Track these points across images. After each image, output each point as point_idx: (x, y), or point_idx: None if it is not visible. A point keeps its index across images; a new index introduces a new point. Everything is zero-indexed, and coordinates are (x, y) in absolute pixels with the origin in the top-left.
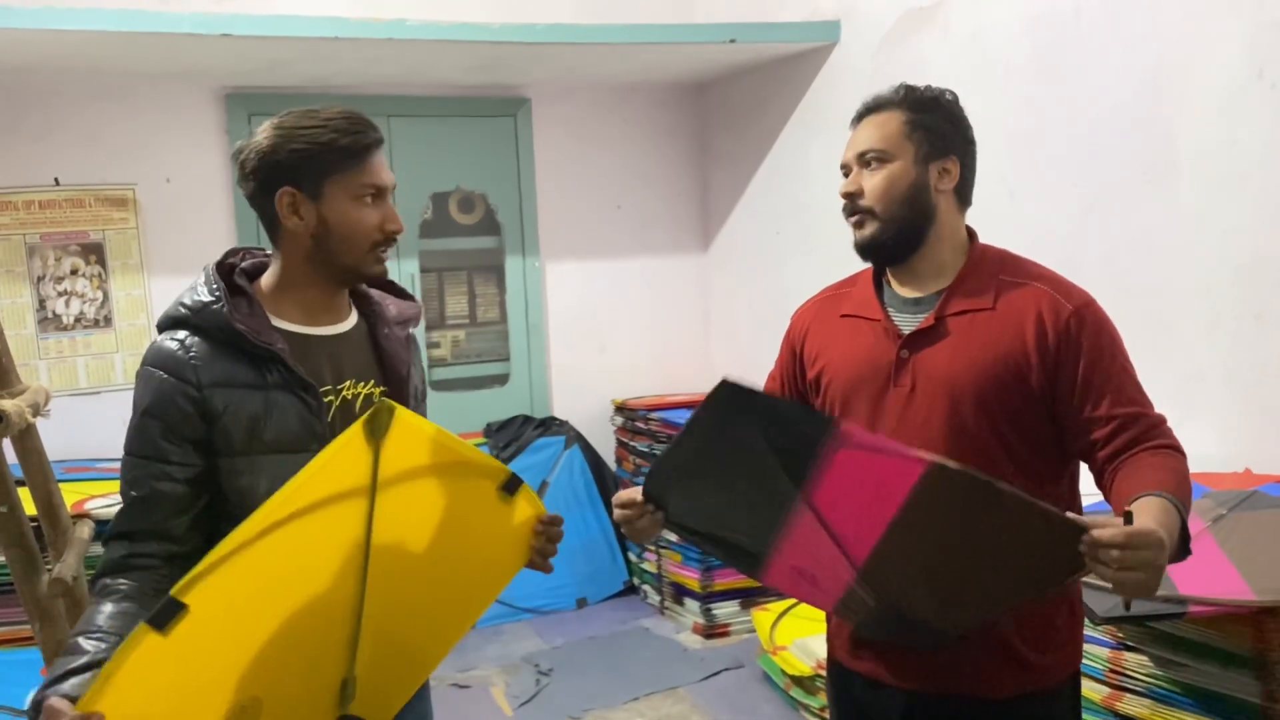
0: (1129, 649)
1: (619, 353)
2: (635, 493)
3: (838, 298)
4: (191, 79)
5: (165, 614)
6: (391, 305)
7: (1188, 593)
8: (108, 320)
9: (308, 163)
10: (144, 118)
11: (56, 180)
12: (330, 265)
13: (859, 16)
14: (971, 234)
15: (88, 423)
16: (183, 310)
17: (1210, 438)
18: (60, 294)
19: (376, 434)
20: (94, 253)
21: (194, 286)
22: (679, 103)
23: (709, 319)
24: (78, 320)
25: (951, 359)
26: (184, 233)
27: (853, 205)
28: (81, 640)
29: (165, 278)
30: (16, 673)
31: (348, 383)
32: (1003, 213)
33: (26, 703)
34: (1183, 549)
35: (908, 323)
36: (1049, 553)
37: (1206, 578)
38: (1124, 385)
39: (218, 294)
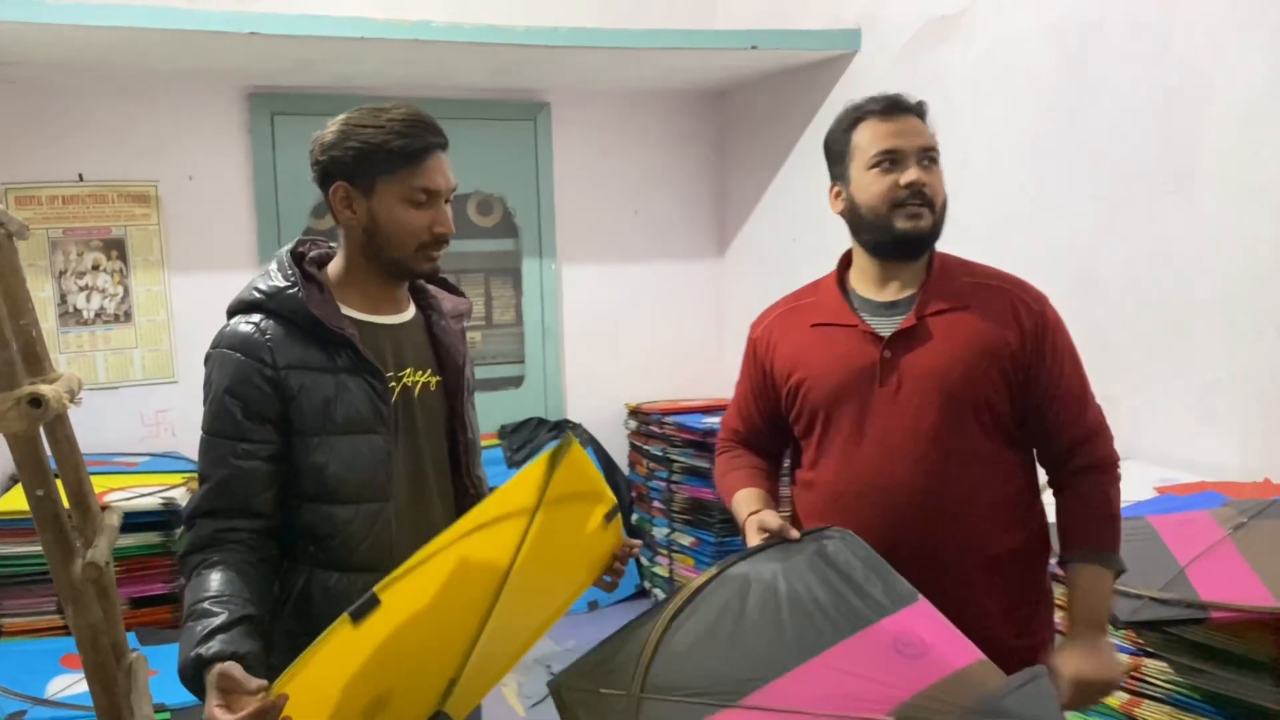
0: (1148, 655)
1: (633, 357)
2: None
3: (799, 309)
4: (216, 78)
5: (365, 608)
6: (446, 300)
7: (1209, 598)
8: (128, 315)
9: (360, 161)
10: (168, 116)
11: (80, 176)
12: (380, 260)
13: (881, 25)
14: None
15: (106, 417)
16: (257, 295)
17: (1229, 447)
18: (81, 289)
19: (555, 463)
20: (115, 248)
21: (266, 273)
22: (698, 109)
23: (724, 325)
24: (98, 315)
25: (937, 356)
26: (205, 230)
27: (919, 195)
28: (208, 605)
29: (186, 274)
30: (37, 662)
31: (408, 370)
32: (1023, 221)
33: (180, 665)
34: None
35: (883, 325)
36: None
37: (1228, 584)
38: (1073, 383)
39: (293, 279)
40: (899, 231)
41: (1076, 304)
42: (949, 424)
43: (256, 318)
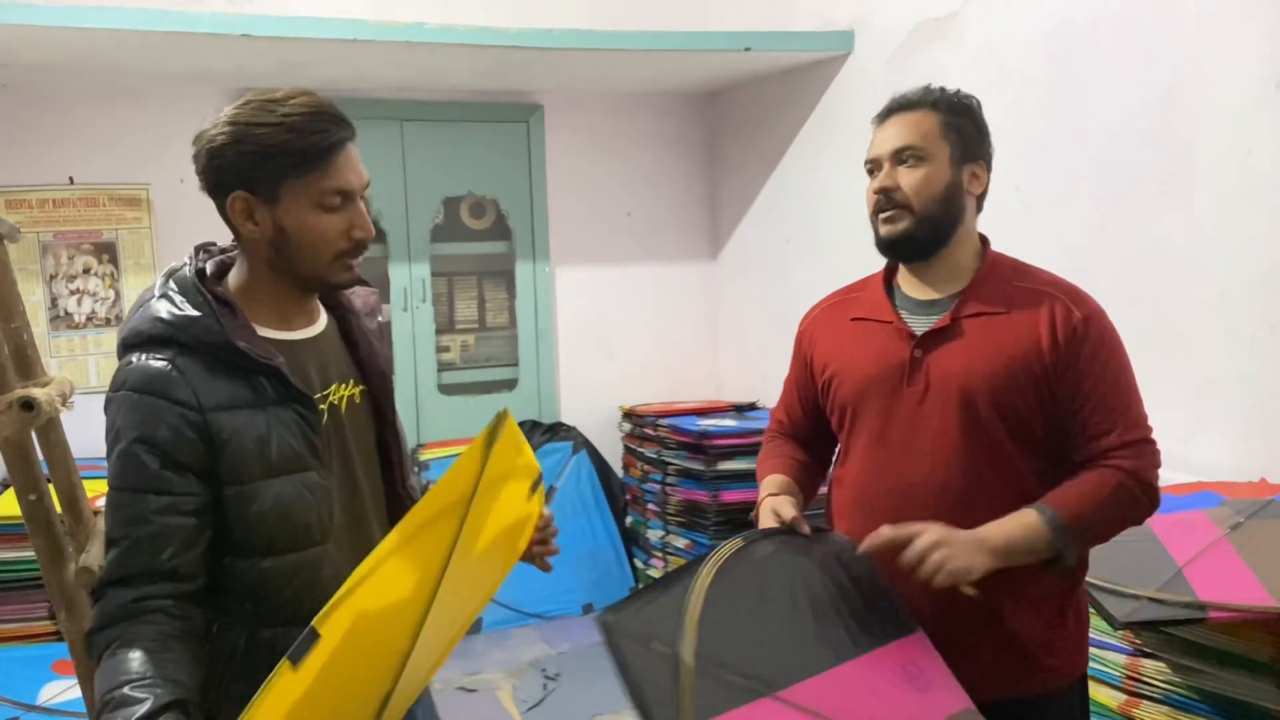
0: (1146, 655)
1: (627, 359)
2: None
3: (846, 302)
4: (206, 80)
5: (303, 646)
6: (357, 297)
7: (1207, 598)
8: (119, 319)
9: (260, 165)
10: (159, 118)
11: (71, 179)
12: (291, 273)
13: (873, 26)
14: (985, 240)
15: (98, 421)
16: (161, 326)
17: (1225, 448)
18: (72, 292)
19: (492, 443)
20: (107, 252)
21: (164, 297)
22: (690, 111)
23: (717, 326)
24: (89, 319)
25: (966, 359)
26: (196, 233)
27: (888, 200)
28: (129, 690)
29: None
30: (28, 668)
31: (333, 386)
32: (1017, 223)
33: None
34: (1060, 558)
35: (920, 324)
36: None
37: (1226, 584)
38: (1113, 395)
39: (204, 306)
40: (879, 238)
41: None
42: (972, 429)
43: (167, 353)
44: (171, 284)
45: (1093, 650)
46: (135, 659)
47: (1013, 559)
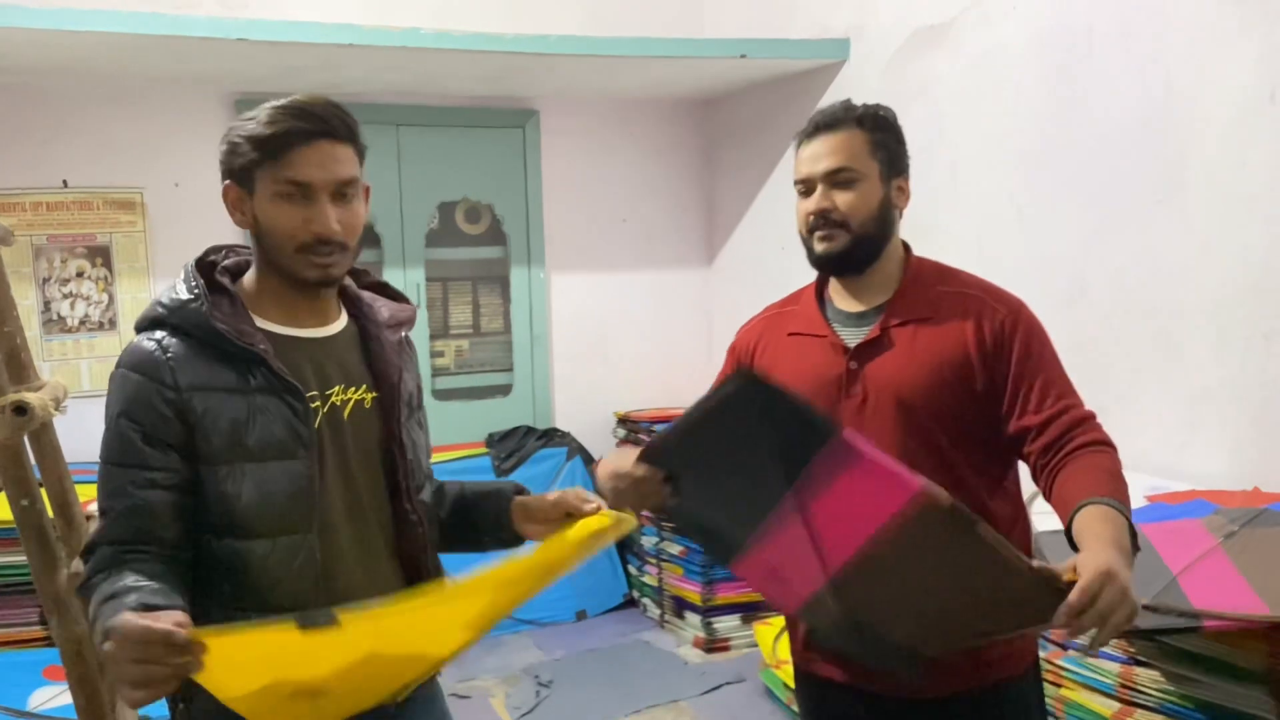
0: (1140, 664)
1: (622, 365)
2: (626, 461)
3: (782, 316)
4: (202, 84)
5: (319, 620)
6: (383, 308)
7: (1202, 607)
8: (112, 323)
9: (236, 156)
10: (153, 122)
11: (65, 182)
12: (273, 267)
13: (869, 34)
14: (906, 247)
15: (90, 426)
16: (160, 310)
17: (1218, 456)
18: (65, 296)
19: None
20: (100, 255)
21: (173, 285)
22: (686, 118)
23: (712, 333)
24: (82, 323)
25: (899, 368)
26: (191, 237)
27: (824, 220)
28: (131, 583)
29: (171, 282)
30: (18, 674)
31: (336, 388)
32: (1012, 232)
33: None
34: (1133, 546)
35: (853, 336)
36: (1022, 598)
37: (1220, 593)
38: (1053, 381)
39: (196, 292)
40: (815, 254)
41: (1066, 313)
42: (912, 436)
43: (159, 335)
44: (181, 272)
45: (1087, 659)
46: (130, 576)
47: None
